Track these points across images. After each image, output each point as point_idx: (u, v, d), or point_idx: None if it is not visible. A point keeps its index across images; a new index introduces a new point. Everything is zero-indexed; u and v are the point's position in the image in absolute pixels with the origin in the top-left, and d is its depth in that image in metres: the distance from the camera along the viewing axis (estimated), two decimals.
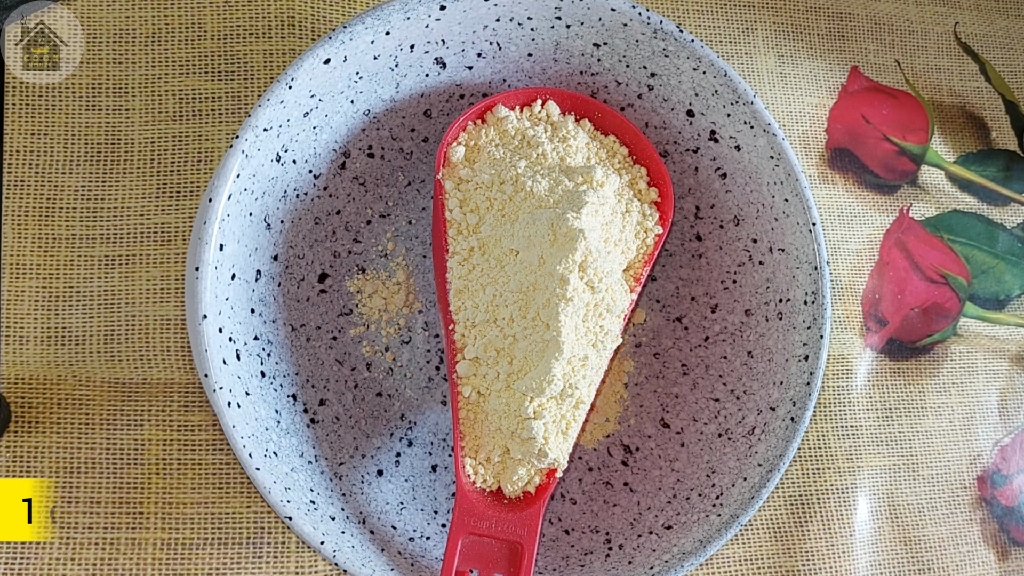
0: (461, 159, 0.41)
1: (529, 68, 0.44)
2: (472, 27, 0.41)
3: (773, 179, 0.43)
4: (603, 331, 0.38)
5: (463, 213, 0.40)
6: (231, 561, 0.42)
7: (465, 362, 0.39)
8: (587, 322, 0.38)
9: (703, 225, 0.46)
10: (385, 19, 0.39)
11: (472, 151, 0.41)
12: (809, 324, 0.42)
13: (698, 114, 0.44)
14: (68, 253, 0.43)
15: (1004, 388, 0.54)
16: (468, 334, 0.39)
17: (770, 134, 0.42)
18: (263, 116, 0.37)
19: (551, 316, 0.36)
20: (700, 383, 0.46)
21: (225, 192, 0.36)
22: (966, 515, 0.52)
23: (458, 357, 0.39)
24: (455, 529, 0.38)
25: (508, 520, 0.39)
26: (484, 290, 0.38)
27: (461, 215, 0.40)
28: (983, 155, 0.56)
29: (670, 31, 0.41)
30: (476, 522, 0.38)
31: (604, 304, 0.38)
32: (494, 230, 0.39)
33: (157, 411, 0.42)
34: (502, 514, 0.39)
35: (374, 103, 0.42)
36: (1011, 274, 0.55)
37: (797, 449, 0.46)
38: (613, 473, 0.45)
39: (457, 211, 0.40)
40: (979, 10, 0.58)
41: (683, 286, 0.47)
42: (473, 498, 0.39)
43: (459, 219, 0.40)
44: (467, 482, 0.39)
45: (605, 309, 0.38)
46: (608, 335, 0.38)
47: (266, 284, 0.40)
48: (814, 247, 0.42)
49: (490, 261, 0.39)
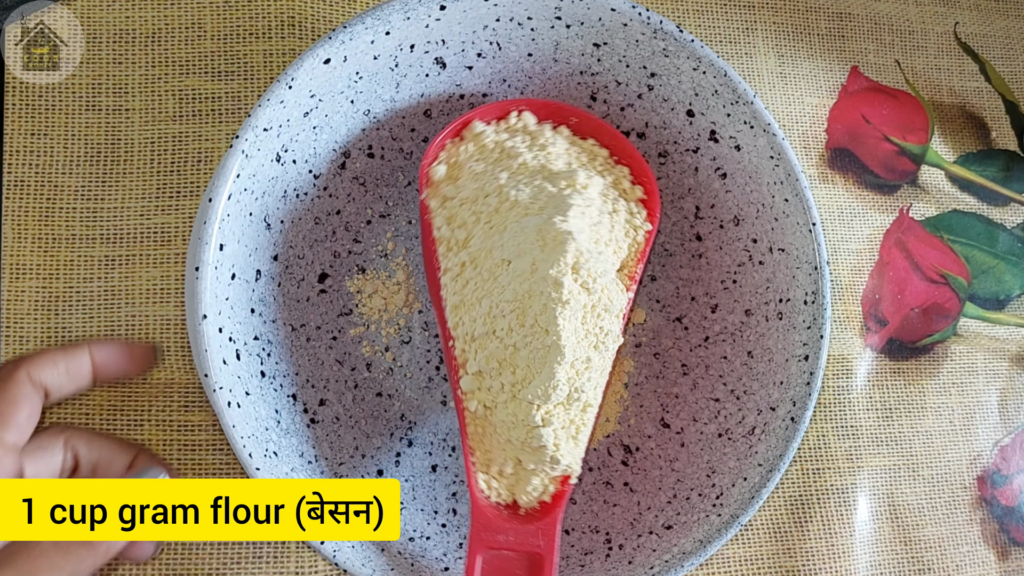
0: (443, 177, 0.41)
1: (529, 68, 0.44)
2: (472, 27, 0.41)
3: (773, 179, 0.43)
4: (603, 332, 0.38)
5: (451, 230, 0.39)
6: (231, 561, 0.42)
7: (468, 377, 0.38)
8: (586, 324, 0.37)
9: (703, 225, 0.46)
10: (385, 19, 0.39)
11: (453, 168, 0.41)
12: (809, 324, 0.42)
13: (698, 114, 0.44)
14: (68, 253, 0.43)
15: (1004, 388, 0.54)
16: (468, 348, 0.38)
17: (770, 134, 0.42)
18: (263, 116, 0.37)
19: (549, 321, 0.36)
20: (700, 383, 0.46)
21: (225, 192, 0.36)
22: (966, 515, 0.52)
23: (461, 372, 0.39)
24: (473, 546, 0.38)
25: (526, 531, 0.38)
26: (480, 303, 0.38)
27: (449, 232, 0.39)
28: (983, 155, 0.56)
29: (670, 31, 0.41)
30: (494, 537, 0.38)
31: (601, 304, 0.38)
32: (483, 243, 0.39)
33: (157, 411, 0.42)
34: (519, 526, 0.38)
35: (374, 103, 0.42)
36: (1011, 274, 0.55)
37: (797, 449, 0.46)
38: (613, 473, 0.45)
39: (445, 228, 0.40)
40: (979, 10, 0.58)
41: (683, 286, 0.47)
42: (489, 513, 0.38)
43: (447, 236, 0.39)
44: (482, 497, 0.39)
45: (603, 309, 0.38)
46: (609, 335, 0.38)
47: (266, 284, 0.40)
48: (814, 247, 0.42)
49: (483, 274, 0.38)
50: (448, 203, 0.40)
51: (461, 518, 0.43)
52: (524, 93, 0.44)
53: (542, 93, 0.45)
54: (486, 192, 0.39)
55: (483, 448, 0.39)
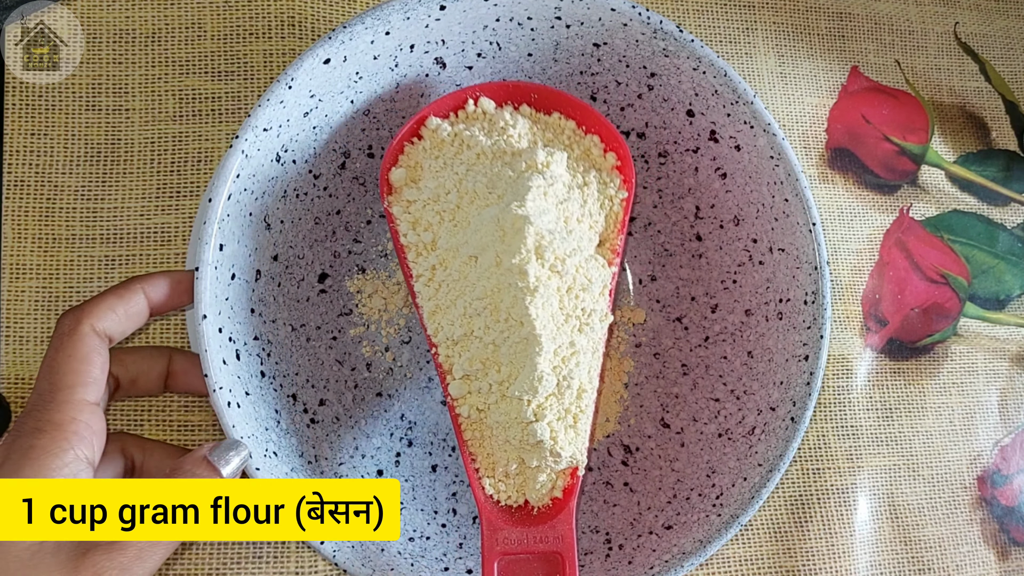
0: (404, 181, 0.40)
1: (529, 68, 0.44)
2: (472, 27, 0.41)
3: (773, 179, 0.43)
4: (585, 312, 0.37)
5: (417, 234, 0.39)
6: (231, 561, 0.42)
7: (456, 382, 0.37)
8: (564, 308, 0.36)
9: (703, 225, 0.46)
10: (385, 19, 0.39)
11: (413, 170, 0.40)
12: (809, 324, 0.42)
13: (698, 114, 0.44)
14: (68, 253, 0.43)
15: (1004, 388, 0.54)
16: (452, 353, 0.38)
17: (770, 134, 0.42)
18: (263, 116, 0.37)
19: (521, 313, 0.35)
20: (700, 383, 0.46)
21: (225, 192, 0.36)
22: (966, 515, 0.52)
23: (448, 379, 0.38)
24: (487, 555, 0.37)
25: (540, 532, 0.37)
26: (455, 305, 0.37)
27: (416, 236, 0.39)
28: (983, 155, 0.56)
29: (670, 31, 0.41)
30: (507, 542, 0.37)
31: (578, 285, 0.36)
32: (449, 242, 0.38)
33: (157, 411, 0.42)
34: (533, 527, 0.37)
35: (374, 103, 0.42)
36: (1011, 274, 0.55)
37: (797, 449, 0.46)
38: (613, 473, 0.45)
39: (411, 233, 0.39)
40: (979, 10, 0.58)
41: (683, 286, 0.47)
42: (499, 518, 0.37)
43: (415, 241, 0.39)
44: (490, 502, 0.38)
45: (580, 289, 0.37)
46: (593, 314, 0.37)
47: (266, 284, 0.40)
48: (814, 247, 0.42)
49: (453, 274, 0.37)
50: (411, 207, 0.39)
51: (461, 518, 0.43)
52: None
53: None
54: (446, 189, 0.38)
55: (485, 452, 0.38)
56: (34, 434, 0.30)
